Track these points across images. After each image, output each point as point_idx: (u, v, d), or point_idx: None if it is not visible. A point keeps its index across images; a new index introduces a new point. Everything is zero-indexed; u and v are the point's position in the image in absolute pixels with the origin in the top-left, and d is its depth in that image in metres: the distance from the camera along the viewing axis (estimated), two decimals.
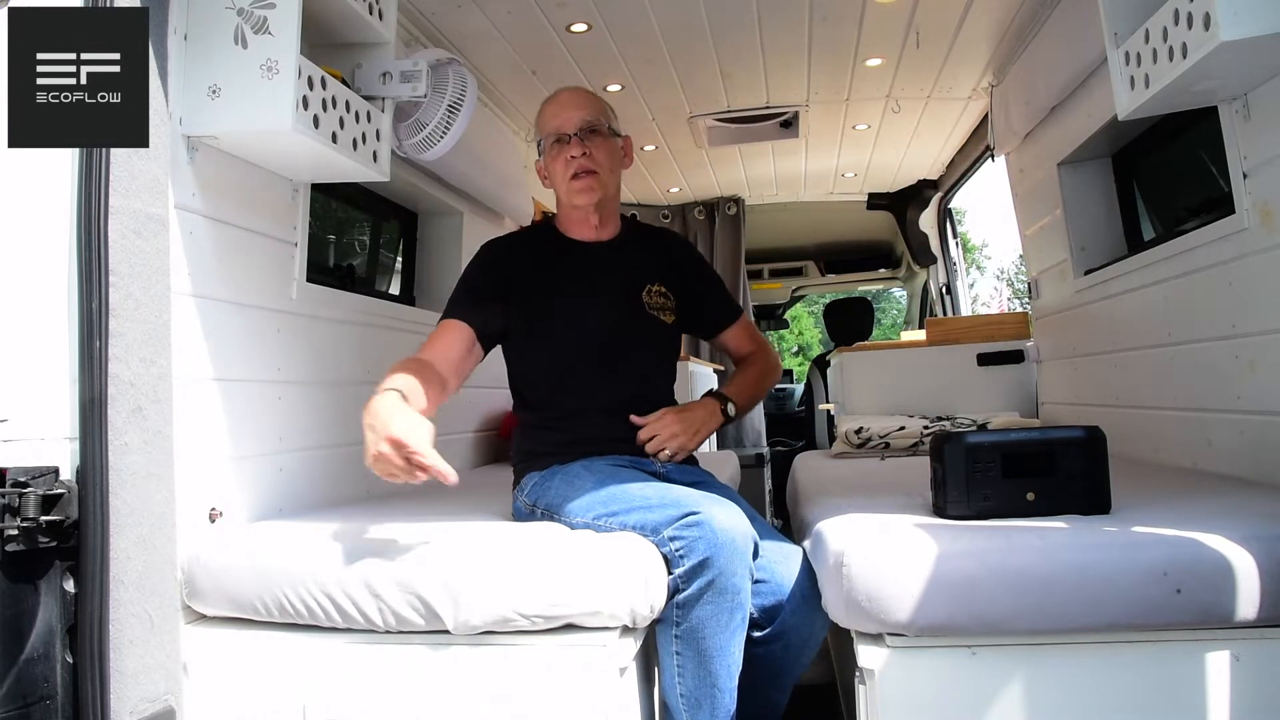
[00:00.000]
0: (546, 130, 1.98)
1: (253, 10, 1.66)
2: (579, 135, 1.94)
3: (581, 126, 1.94)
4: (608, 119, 2.00)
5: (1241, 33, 1.49)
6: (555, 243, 2.05)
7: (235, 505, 1.82)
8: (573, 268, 2.00)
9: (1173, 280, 2.26)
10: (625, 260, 2.04)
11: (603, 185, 1.96)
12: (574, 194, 1.96)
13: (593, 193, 1.95)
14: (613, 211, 2.06)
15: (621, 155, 2.03)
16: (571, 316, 1.96)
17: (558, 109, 1.98)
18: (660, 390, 2.06)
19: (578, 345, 1.95)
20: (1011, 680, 1.43)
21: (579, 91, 2.05)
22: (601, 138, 1.96)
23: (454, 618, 1.49)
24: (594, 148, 1.94)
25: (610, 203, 2.03)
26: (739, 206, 5.28)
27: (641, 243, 2.10)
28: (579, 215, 2.02)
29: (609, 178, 1.98)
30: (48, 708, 1.31)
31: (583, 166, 1.93)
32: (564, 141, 1.94)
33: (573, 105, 1.98)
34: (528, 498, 1.90)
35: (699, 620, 1.56)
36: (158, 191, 1.47)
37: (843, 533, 1.56)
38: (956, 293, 5.12)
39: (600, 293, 1.98)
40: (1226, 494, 1.79)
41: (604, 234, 2.05)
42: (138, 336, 1.41)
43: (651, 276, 2.04)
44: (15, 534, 1.28)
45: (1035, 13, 2.80)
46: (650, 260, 2.07)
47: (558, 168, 1.96)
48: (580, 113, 1.96)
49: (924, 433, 3.17)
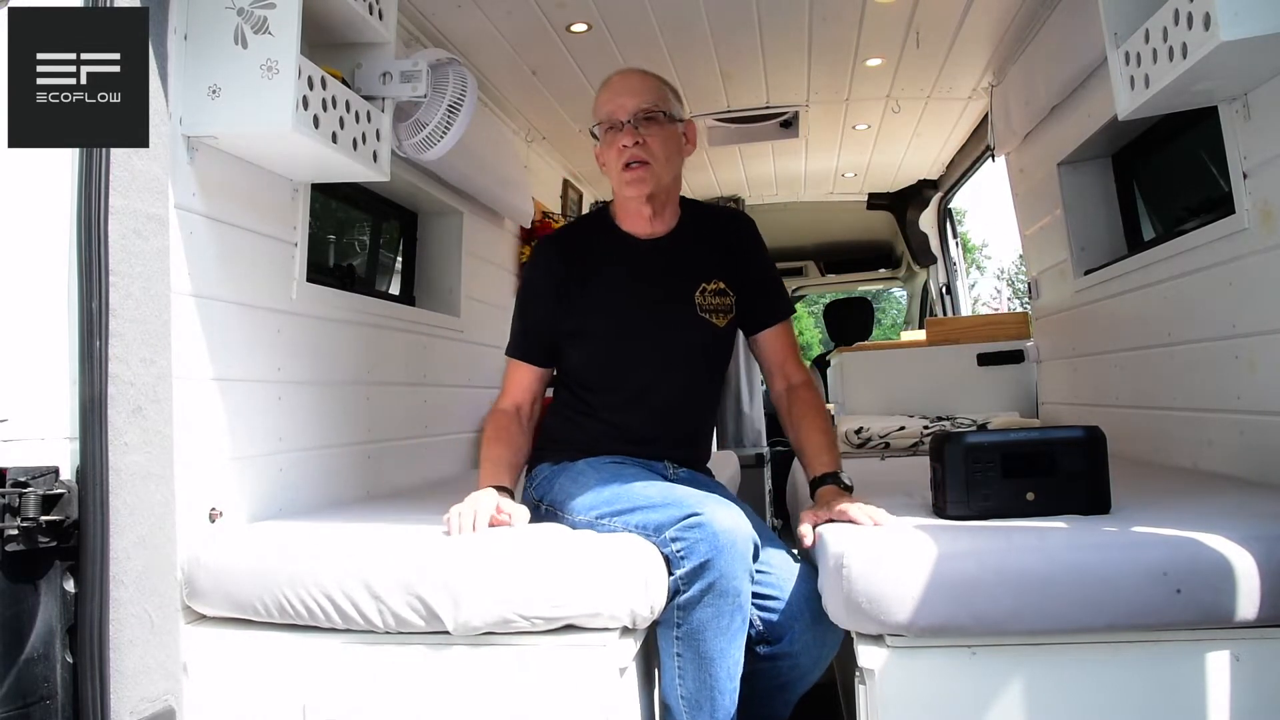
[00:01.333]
0: (600, 116, 1.89)
1: (253, 10, 1.66)
2: (632, 123, 1.84)
3: (636, 113, 1.84)
4: (667, 104, 1.88)
5: (1241, 33, 1.49)
6: (607, 237, 1.96)
7: (235, 505, 1.82)
8: (621, 268, 1.92)
9: (1173, 280, 2.26)
10: (679, 258, 1.94)
11: (655, 177, 1.86)
12: (624, 185, 1.87)
13: (644, 185, 1.85)
14: (669, 202, 1.95)
15: (682, 142, 1.92)
16: (615, 319, 1.90)
17: (612, 94, 1.88)
18: (700, 400, 2.00)
19: (619, 348, 1.90)
20: (1011, 680, 1.43)
21: (635, 75, 1.92)
22: (658, 125, 1.85)
23: (454, 619, 1.49)
24: (649, 136, 1.84)
25: (665, 194, 1.92)
26: (739, 206, 5.28)
27: (701, 232, 1.97)
28: (632, 207, 1.92)
29: (663, 168, 1.86)
30: (48, 708, 1.30)
31: (634, 156, 1.83)
32: (617, 129, 1.85)
33: (628, 90, 1.87)
34: (535, 491, 1.90)
35: (699, 623, 1.56)
36: (158, 191, 1.47)
37: (843, 534, 1.56)
38: (956, 293, 5.13)
39: (648, 295, 1.90)
40: (1226, 494, 1.79)
41: (659, 227, 1.94)
42: (138, 336, 1.40)
43: (708, 273, 1.93)
44: (15, 534, 1.28)
45: (1035, 13, 2.80)
46: (709, 254, 1.95)
47: (610, 156, 1.87)
48: (635, 99, 1.85)
49: (924, 433, 3.17)
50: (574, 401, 1.95)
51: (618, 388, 1.92)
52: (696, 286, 1.92)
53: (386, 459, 2.50)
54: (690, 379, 1.95)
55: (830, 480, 1.78)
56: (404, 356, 2.70)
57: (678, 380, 1.93)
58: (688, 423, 2.00)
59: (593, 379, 1.93)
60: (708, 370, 1.98)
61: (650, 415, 1.91)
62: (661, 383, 1.91)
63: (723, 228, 2.00)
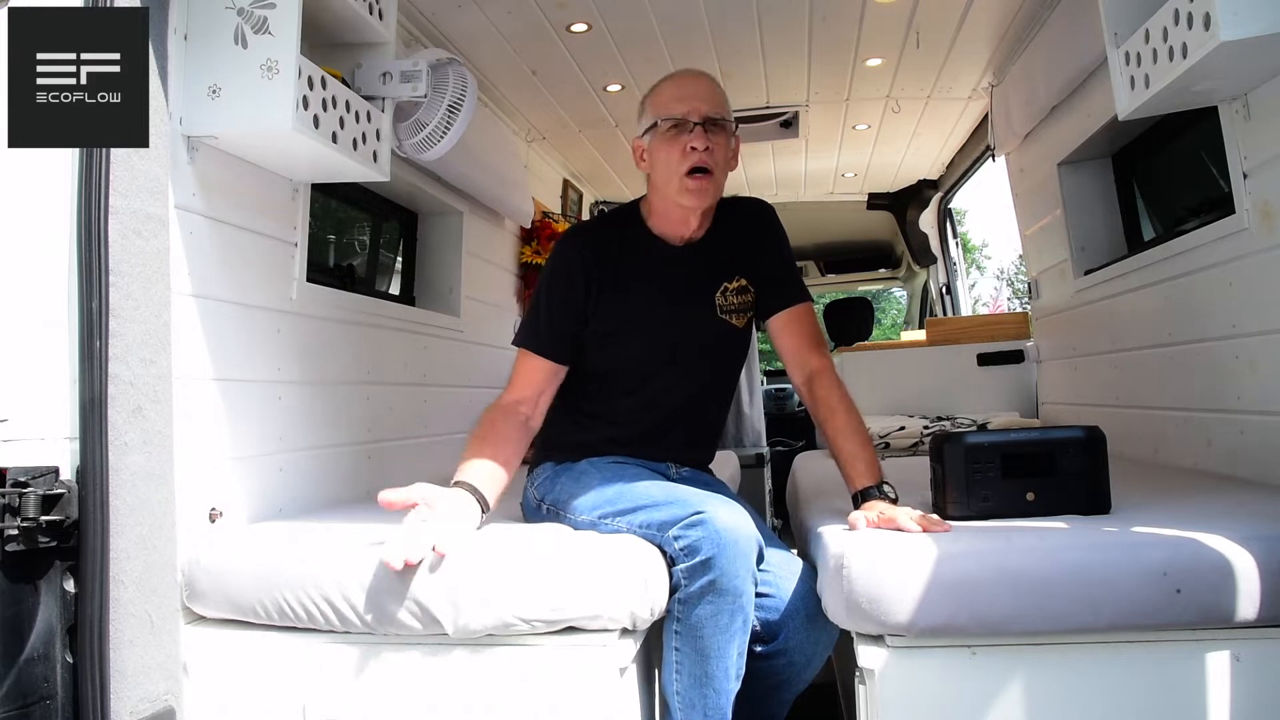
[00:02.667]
0: (666, 111, 1.79)
1: (253, 10, 1.66)
2: (704, 125, 1.76)
3: (707, 117, 1.76)
4: (730, 114, 1.83)
5: (1241, 33, 1.49)
6: (638, 238, 1.89)
7: (235, 505, 1.82)
8: (649, 271, 1.87)
9: (1173, 280, 2.26)
10: (706, 259, 1.89)
11: (716, 187, 1.81)
12: (685, 193, 1.78)
13: (704, 195, 1.79)
14: (711, 211, 1.89)
15: (731, 157, 1.86)
16: (638, 322, 1.87)
17: (683, 91, 1.80)
18: (714, 401, 1.99)
19: (638, 350, 1.89)
20: (1011, 681, 1.43)
21: (707, 79, 1.85)
22: (724, 136, 1.80)
23: (453, 623, 1.49)
24: (715, 145, 1.77)
25: (713, 206, 1.88)
26: None
27: (728, 230, 1.92)
28: (679, 215, 1.85)
29: (721, 180, 1.81)
30: (48, 708, 1.30)
31: (703, 162, 1.75)
32: (684, 129, 1.76)
33: (702, 94, 1.79)
34: (537, 491, 1.90)
35: (698, 619, 1.56)
36: (158, 191, 1.47)
37: (843, 534, 1.56)
38: (956, 293, 5.12)
39: (672, 299, 1.87)
40: (1226, 494, 1.79)
41: (695, 234, 1.89)
42: (138, 336, 1.40)
43: (731, 271, 1.89)
44: (15, 534, 1.28)
45: (1035, 13, 2.80)
46: (733, 251, 1.90)
47: (672, 155, 1.77)
48: (708, 104, 1.78)
49: (924, 433, 3.17)
50: (581, 404, 1.94)
51: (635, 389, 1.91)
52: (719, 287, 1.89)
53: (386, 459, 2.50)
54: (705, 381, 1.94)
55: (875, 494, 1.69)
56: (404, 356, 2.70)
57: (693, 382, 1.92)
58: (701, 424, 2.00)
59: (610, 380, 1.92)
60: (723, 372, 1.98)
61: (665, 416, 1.91)
62: (678, 384, 1.90)
63: (746, 220, 1.95)
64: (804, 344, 1.91)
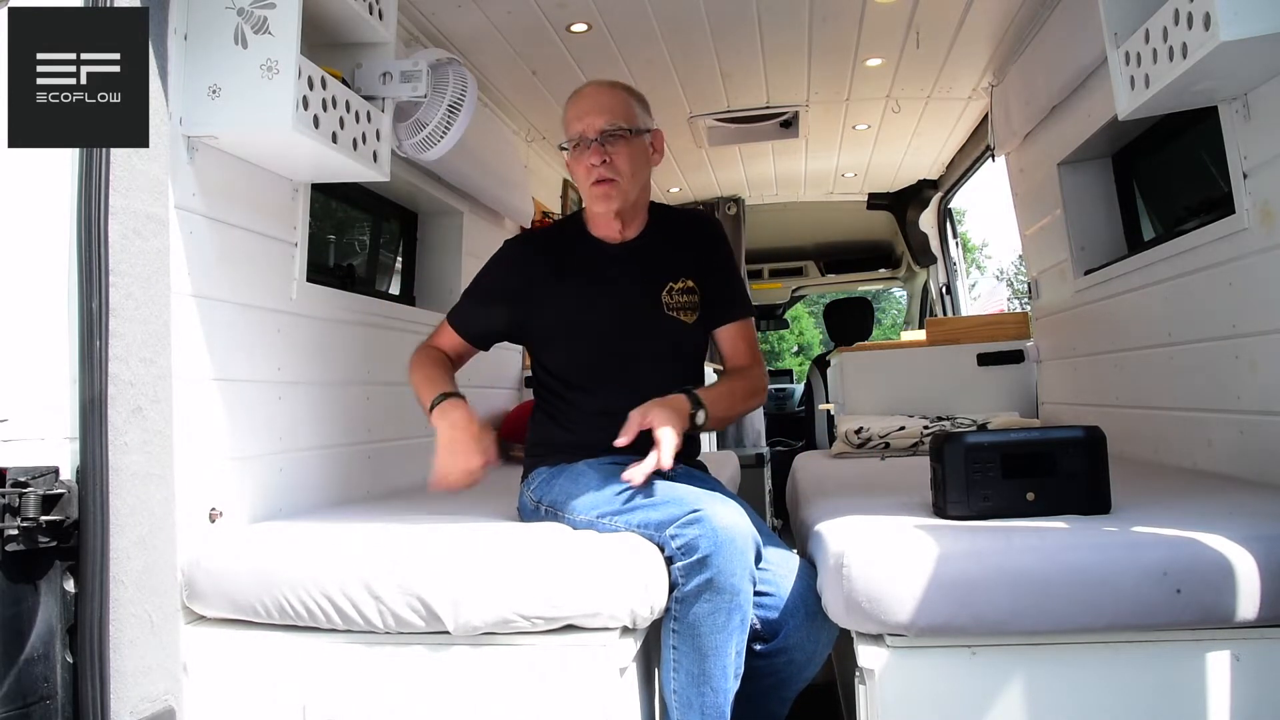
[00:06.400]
0: (569, 132, 1.93)
1: (253, 10, 1.66)
2: (599, 141, 1.87)
3: (601, 131, 1.87)
4: (632, 118, 1.91)
5: (1241, 33, 1.49)
6: (578, 241, 2.01)
7: (235, 506, 1.82)
8: (590, 269, 1.97)
9: (1173, 280, 2.26)
10: (647, 259, 1.99)
11: (622, 193, 1.90)
12: (593, 200, 1.92)
13: (610, 201, 1.90)
14: (637, 212, 2.00)
15: (649, 153, 1.96)
16: (585, 320, 1.94)
17: (578, 112, 1.92)
18: None
19: (591, 349, 1.94)
20: (1011, 680, 1.43)
21: (601, 90, 1.95)
22: (624, 141, 1.89)
23: (454, 619, 1.49)
24: (614, 154, 1.88)
25: (633, 207, 1.97)
26: (739, 206, 5.28)
27: (668, 235, 2.02)
28: (602, 219, 1.98)
29: (629, 184, 1.91)
30: (48, 708, 1.30)
31: (601, 175, 1.88)
32: (584, 147, 1.89)
33: (594, 108, 1.90)
34: (534, 494, 1.91)
35: (696, 618, 1.56)
36: (158, 191, 1.47)
37: (843, 533, 1.56)
38: (956, 293, 5.12)
39: (616, 296, 1.95)
40: (1226, 494, 1.79)
41: (628, 233, 2.00)
42: (138, 336, 1.41)
43: (675, 272, 1.98)
44: (15, 534, 1.28)
45: (1035, 13, 2.80)
46: (675, 254, 2.00)
47: (579, 172, 1.93)
48: (600, 117, 1.88)
49: (924, 433, 3.17)
50: (556, 402, 1.98)
51: (596, 387, 1.94)
52: (664, 286, 1.97)
53: (386, 459, 2.50)
54: (665, 375, 1.95)
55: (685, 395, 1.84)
56: (404, 357, 2.67)
57: (653, 377, 1.93)
58: None
59: (571, 379, 1.96)
60: (682, 366, 2.02)
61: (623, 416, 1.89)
62: (637, 380, 1.92)
63: (688, 229, 2.06)
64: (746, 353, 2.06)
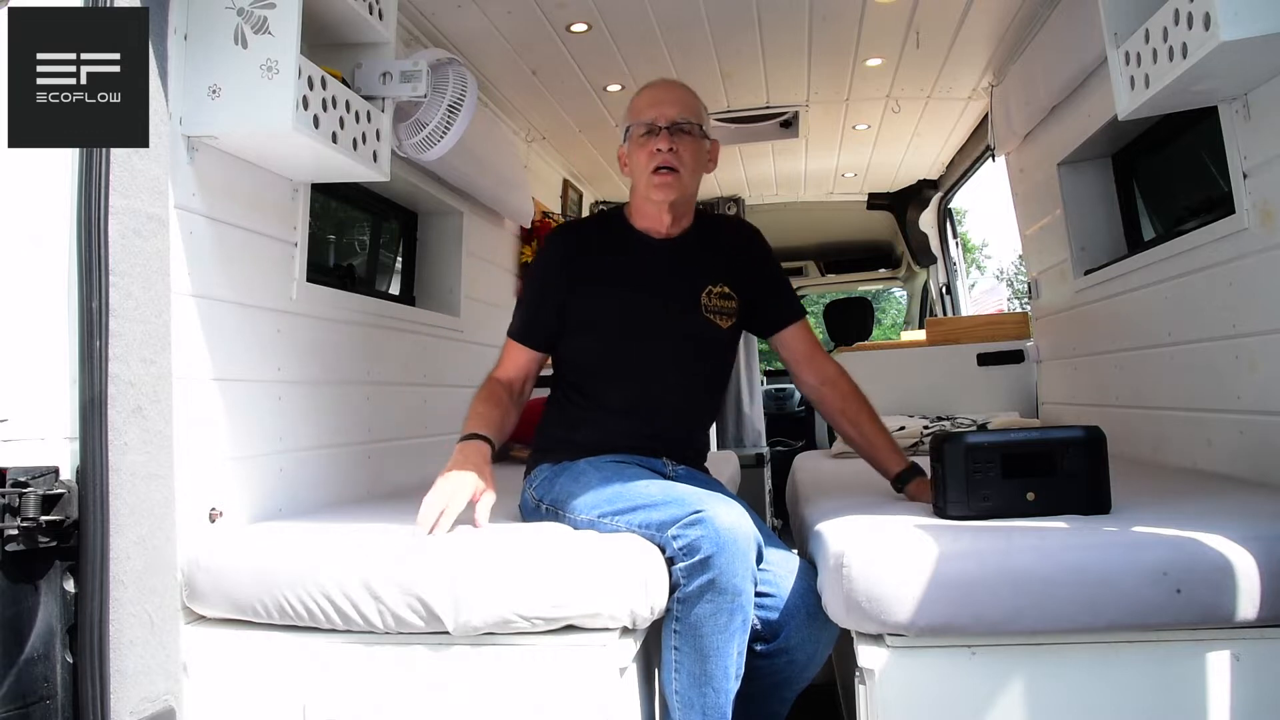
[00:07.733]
0: (639, 117, 1.95)
1: (253, 10, 1.66)
2: (670, 130, 1.91)
3: (673, 122, 1.92)
4: (702, 119, 1.97)
5: (1241, 33, 1.49)
6: (622, 235, 2.02)
7: (235, 505, 1.82)
8: (633, 264, 1.98)
9: (1173, 280, 2.26)
10: (689, 259, 2.00)
11: (682, 185, 1.93)
12: (652, 188, 1.93)
13: (670, 190, 1.92)
14: (687, 210, 2.02)
15: (706, 159, 2.00)
16: (622, 314, 1.95)
17: (655, 98, 1.96)
18: (701, 398, 2.04)
19: (624, 344, 1.95)
20: (1011, 680, 1.43)
21: (678, 86, 2.02)
22: (691, 139, 1.93)
23: (454, 619, 1.49)
24: (681, 146, 1.91)
25: (686, 203, 2.00)
26: (739, 206, 5.27)
27: (711, 239, 2.05)
28: (652, 210, 1.98)
29: (689, 179, 1.95)
30: (48, 708, 1.31)
31: (666, 162, 1.90)
32: (653, 133, 1.92)
33: (670, 100, 1.95)
34: (535, 492, 1.91)
35: (698, 618, 1.56)
36: (158, 191, 1.47)
37: (843, 533, 1.56)
38: (956, 293, 5.12)
39: (656, 293, 1.95)
40: (1226, 494, 1.79)
41: (674, 230, 2.01)
42: (138, 336, 1.41)
43: (714, 277, 1.99)
44: (15, 534, 1.28)
45: (1035, 13, 2.79)
46: (717, 259, 2.02)
47: (641, 158, 1.94)
48: (675, 109, 1.93)
49: (924, 433, 3.17)
50: (573, 398, 1.98)
51: (622, 381, 1.94)
52: (703, 288, 1.98)
53: (386, 459, 2.50)
54: (693, 377, 1.99)
55: (919, 473, 1.93)
56: (404, 356, 2.70)
57: (680, 378, 1.96)
58: (688, 420, 2.03)
59: (597, 371, 1.96)
60: (710, 370, 2.02)
61: (652, 410, 1.94)
62: (665, 378, 1.95)
63: (730, 235, 2.09)
64: (815, 351, 2.08)
